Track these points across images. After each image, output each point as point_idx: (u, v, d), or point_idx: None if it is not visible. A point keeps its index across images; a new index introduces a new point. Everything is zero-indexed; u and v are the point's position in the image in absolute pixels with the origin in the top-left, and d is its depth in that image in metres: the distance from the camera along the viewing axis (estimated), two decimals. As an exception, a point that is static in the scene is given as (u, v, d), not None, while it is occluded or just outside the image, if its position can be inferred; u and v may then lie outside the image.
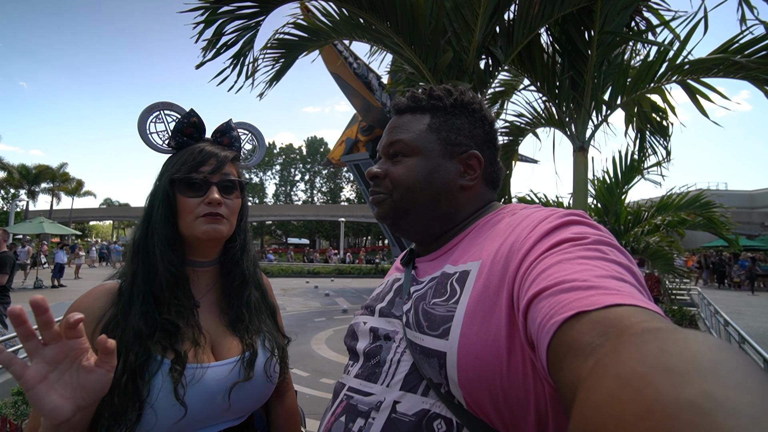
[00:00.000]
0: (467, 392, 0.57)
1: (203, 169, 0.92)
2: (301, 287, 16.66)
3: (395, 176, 0.80)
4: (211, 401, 0.83)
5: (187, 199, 0.90)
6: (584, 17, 3.47)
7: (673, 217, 6.91)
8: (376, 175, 0.83)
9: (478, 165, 0.81)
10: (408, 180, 0.79)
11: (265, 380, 0.93)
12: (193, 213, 0.90)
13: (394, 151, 0.82)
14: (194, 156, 0.93)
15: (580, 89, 3.74)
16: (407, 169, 0.80)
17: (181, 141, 0.97)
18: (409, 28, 3.31)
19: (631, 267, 0.52)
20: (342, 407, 0.70)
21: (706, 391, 0.22)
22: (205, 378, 0.83)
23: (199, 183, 0.91)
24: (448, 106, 0.83)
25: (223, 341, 0.92)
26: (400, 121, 0.84)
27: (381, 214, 0.83)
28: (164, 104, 1.05)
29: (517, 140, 5.05)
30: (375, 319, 0.79)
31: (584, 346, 0.38)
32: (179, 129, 0.97)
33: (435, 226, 0.80)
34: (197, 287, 0.96)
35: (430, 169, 0.79)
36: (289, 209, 46.79)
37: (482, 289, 0.61)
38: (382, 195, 0.82)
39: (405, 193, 0.79)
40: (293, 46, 3.74)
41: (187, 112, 0.99)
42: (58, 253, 14.99)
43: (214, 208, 0.90)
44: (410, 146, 0.81)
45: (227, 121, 1.03)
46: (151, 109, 1.03)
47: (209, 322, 0.93)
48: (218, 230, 0.91)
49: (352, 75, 13.16)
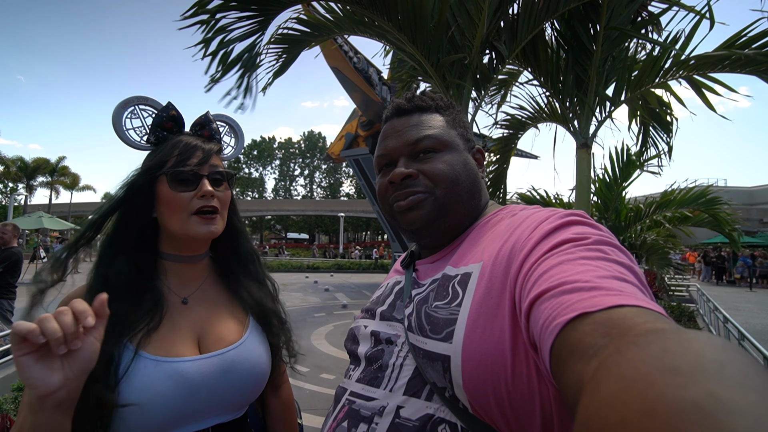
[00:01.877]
0: (472, 396, 0.56)
1: (191, 161, 0.89)
2: (301, 282, 16.71)
3: (435, 172, 0.76)
4: (194, 395, 0.81)
5: (178, 194, 0.87)
6: (590, 12, 3.44)
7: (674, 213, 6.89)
8: (408, 175, 0.77)
9: (482, 159, 0.85)
10: (451, 174, 0.76)
11: (255, 373, 0.90)
12: (186, 209, 0.87)
13: (423, 148, 0.79)
14: (180, 149, 0.90)
15: (584, 85, 3.72)
16: (446, 164, 0.77)
17: (160, 136, 0.94)
18: (412, 24, 3.28)
19: (633, 267, 0.52)
20: (344, 412, 0.69)
21: (710, 392, 0.22)
22: (187, 372, 0.81)
23: (190, 176, 0.88)
24: (445, 106, 0.85)
25: (212, 333, 0.89)
26: (414, 120, 0.81)
27: (423, 216, 0.76)
28: (139, 98, 1.01)
29: (516, 134, 5.02)
30: (376, 322, 0.78)
31: (587, 348, 0.38)
32: (158, 123, 0.94)
33: (466, 221, 0.78)
34: (185, 281, 0.94)
35: (463, 161, 0.79)
36: (289, 204, 46.88)
37: (485, 292, 0.61)
38: (421, 195, 0.76)
39: (450, 188, 0.76)
40: (296, 41, 3.71)
41: (165, 106, 0.96)
42: (57, 248, 14.99)
43: (208, 201, 0.88)
44: (441, 141, 0.79)
45: (205, 113, 1.00)
46: (125, 105, 0.99)
47: (198, 316, 0.91)
48: (213, 231, 0.90)
49: (352, 69, 13.11)
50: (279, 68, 3.85)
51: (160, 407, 0.77)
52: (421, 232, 0.77)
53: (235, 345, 0.89)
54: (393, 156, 0.81)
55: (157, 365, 0.79)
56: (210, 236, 0.90)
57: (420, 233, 0.78)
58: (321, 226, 50.13)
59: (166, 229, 0.91)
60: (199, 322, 0.90)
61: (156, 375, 0.78)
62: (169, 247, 0.93)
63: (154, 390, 0.77)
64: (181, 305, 0.91)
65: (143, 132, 0.99)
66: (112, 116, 0.98)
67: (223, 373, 0.85)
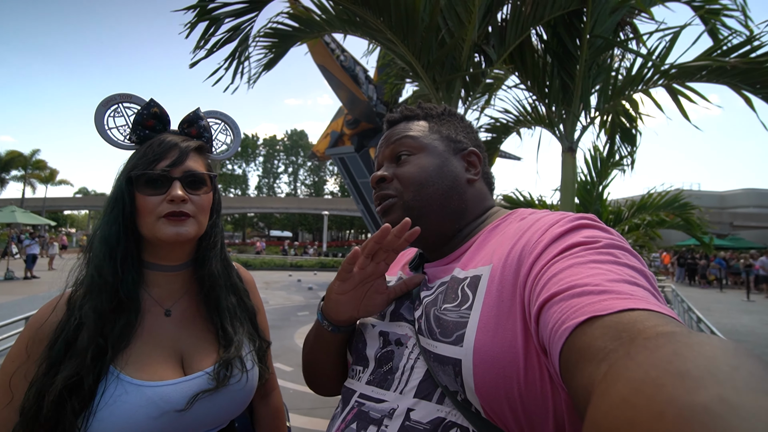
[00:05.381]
0: (485, 400, 0.56)
1: (163, 163, 0.83)
2: (284, 281, 16.52)
3: (405, 175, 0.78)
4: (179, 419, 0.78)
5: (146, 197, 0.82)
6: (574, 20, 3.51)
7: (653, 217, 7.07)
8: (382, 178, 0.80)
9: (478, 161, 0.85)
10: (419, 176, 0.77)
11: (240, 391, 0.87)
12: (153, 213, 0.82)
13: (400, 151, 0.81)
14: (153, 149, 0.84)
15: (570, 90, 3.79)
16: (416, 166, 0.78)
17: (142, 135, 0.89)
18: (403, 24, 3.29)
19: (644, 270, 0.52)
20: (353, 414, 0.68)
21: (720, 396, 0.22)
22: (170, 397, 0.77)
23: (160, 179, 0.83)
24: (439, 113, 0.87)
25: (195, 352, 0.86)
26: (399, 128, 0.85)
27: (395, 221, 0.76)
28: (122, 96, 0.95)
29: (500, 138, 5.06)
30: (385, 323, 0.77)
31: (597, 351, 0.38)
32: (139, 121, 0.89)
33: (447, 224, 0.78)
34: (168, 292, 0.89)
35: (439, 163, 0.79)
36: (272, 201, 46.27)
37: (496, 294, 0.60)
38: (391, 199, 0.78)
39: (417, 191, 0.77)
40: (286, 37, 3.68)
41: (147, 103, 0.91)
42: (31, 244, 14.50)
43: (178, 206, 0.82)
44: (416, 143, 0.81)
45: (195, 109, 0.94)
46: (107, 103, 0.93)
47: (181, 331, 0.87)
48: (182, 233, 0.83)
49: (338, 67, 13.03)
50: (268, 62, 3.80)
51: None
52: None
53: (218, 365, 0.85)
54: (379, 161, 0.85)
55: (139, 390, 0.76)
56: (177, 239, 0.83)
57: None
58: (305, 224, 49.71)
59: (143, 235, 0.86)
60: (182, 337, 0.87)
61: (138, 402, 0.75)
62: (150, 255, 0.88)
63: (137, 418, 0.74)
64: (164, 318, 0.87)
65: (127, 131, 0.93)
66: (94, 115, 0.92)
67: (209, 393, 0.82)
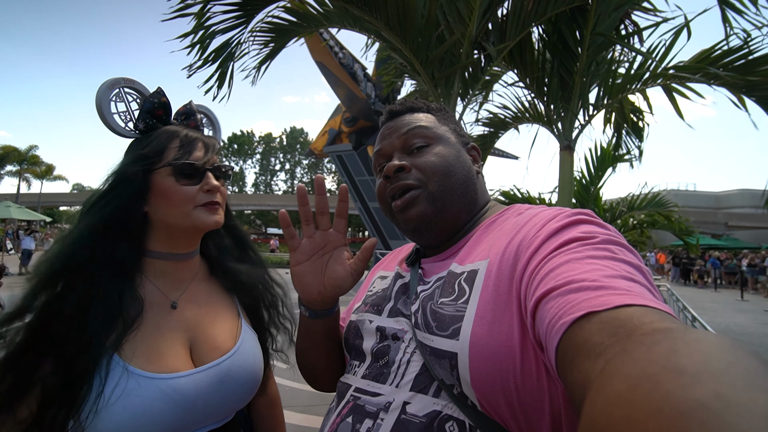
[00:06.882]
0: (481, 393, 0.56)
1: (197, 154, 0.87)
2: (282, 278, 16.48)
3: (426, 164, 0.76)
4: (190, 410, 0.78)
5: (182, 187, 0.84)
6: (577, 16, 3.49)
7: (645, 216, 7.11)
8: (401, 168, 0.76)
9: (478, 156, 0.86)
10: (442, 166, 0.76)
11: (250, 380, 0.88)
12: (192, 202, 0.85)
13: (414, 141, 0.79)
14: (181, 140, 0.87)
15: (569, 88, 3.79)
16: (438, 156, 0.77)
17: (150, 123, 0.90)
18: (401, 20, 3.27)
19: (641, 266, 0.51)
20: (349, 408, 0.68)
21: (717, 392, 0.22)
22: (183, 388, 0.77)
23: (195, 170, 0.86)
24: (439, 108, 0.87)
25: (204, 342, 0.85)
26: (405, 119, 0.83)
27: (419, 213, 0.75)
28: (125, 80, 0.94)
29: (497, 133, 5.05)
30: (382, 318, 0.77)
31: (594, 347, 0.38)
32: (149, 110, 0.90)
33: (463, 216, 0.78)
34: (175, 281, 0.89)
35: (456, 153, 0.79)
36: (270, 199, 46.23)
37: (493, 289, 0.60)
38: (415, 190, 0.75)
39: (441, 180, 0.75)
40: (284, 31, 3.64)
41: (156, 92, 0.91)
42: (26, 239, 14.44)
43: (213, 196, 0.87)
44: (432, 133, 0.80)
45: (188, 102, 0.97)
46: (111, 86, 0.92)
47: (189, 318, 0.86)
48: (219, 221, 0.89)
49: (337, 65, 12.98)
50: (265, 57, 3.76)
51: (156, 426, 0.73)
52: (420, 231, 0.77)
53: (230, 354, 0.86)
54: (388, 152, 0.82)
55: (151, 383, 0.74)
56: (216, 226, 0.89)
57: (419, 232, 0.77)
58: (302, 221, 49.60)
59: (163, 223, 0.86)
60: (191, 327, 0.86)
61: (152, 395, 0.73)
62: (160, 244, 0.87)
63: (151, 411, 0.73)
64: (171, 308, 0.86)
65: (127, 117, 0.92)
66: (97, 97, 0.89)
67: (219, 384, 0.82)
